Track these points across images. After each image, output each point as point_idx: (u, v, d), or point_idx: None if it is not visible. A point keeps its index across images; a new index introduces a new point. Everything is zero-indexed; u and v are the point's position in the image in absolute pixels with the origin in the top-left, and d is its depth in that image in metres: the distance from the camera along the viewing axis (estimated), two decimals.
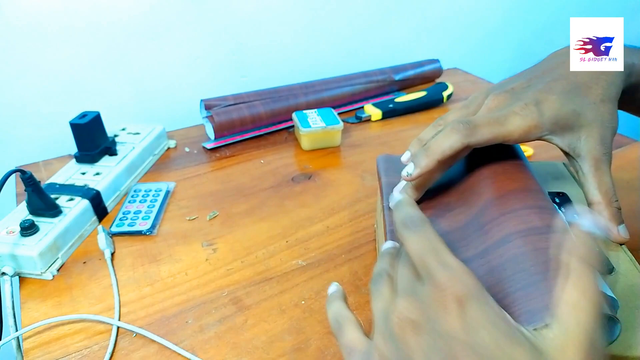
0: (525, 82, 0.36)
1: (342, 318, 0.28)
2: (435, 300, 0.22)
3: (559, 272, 0.23)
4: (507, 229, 0.31)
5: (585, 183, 0.34)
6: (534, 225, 0.30)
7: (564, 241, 0.23)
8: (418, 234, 0.25)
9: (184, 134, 0.74)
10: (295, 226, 0.53)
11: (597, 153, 0.33)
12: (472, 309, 0.21)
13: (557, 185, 0.41)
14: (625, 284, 0.31)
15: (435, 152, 0.33)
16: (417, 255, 0.24)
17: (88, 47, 0.70)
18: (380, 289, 0.27)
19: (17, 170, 0.46)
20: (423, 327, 0.22)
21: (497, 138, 0.33)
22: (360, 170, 0.63)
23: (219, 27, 0.78)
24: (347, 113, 0.80)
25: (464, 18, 1.05)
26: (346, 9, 0.88)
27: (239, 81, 0.83)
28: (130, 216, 0.54)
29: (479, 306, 0.21)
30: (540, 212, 0.31)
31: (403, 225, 0.26)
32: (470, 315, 0.21)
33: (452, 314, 0.21)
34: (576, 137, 0.34)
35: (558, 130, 0.33)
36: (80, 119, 0.57)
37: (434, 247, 0.24)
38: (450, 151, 0.33)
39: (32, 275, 0.46)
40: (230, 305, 0.43)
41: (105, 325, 0.41)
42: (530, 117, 0.32)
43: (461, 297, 0.21)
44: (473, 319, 0.21)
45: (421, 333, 0.22)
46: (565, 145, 0.34)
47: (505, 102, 0.35)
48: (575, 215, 0.26)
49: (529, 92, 0.34)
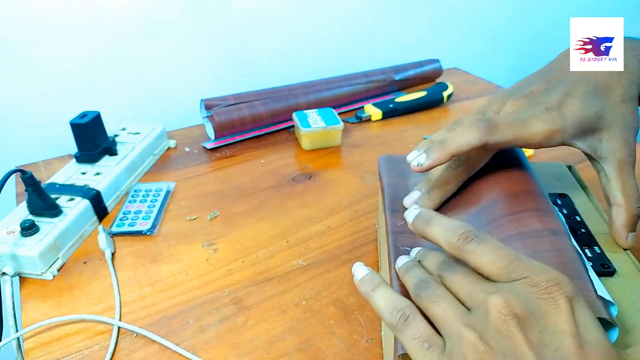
0: (543, 85, 0.35)
1: (406, 307, 0.27)
2: (539, 297, 0.23)
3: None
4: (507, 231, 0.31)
5: (607, 185, 0.34)
6: (534, 228, 0.30)
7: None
8: (487, 244, 0.26)
9: (184, 134, 0.74)
10: (295, 226, 0.53)
11: (621, 154, 0.33)
12: (579, 308, 0.23)
13: (558, 186, 0.41)
14: (626, 286, 0.31)
15: (451, 146, 0.32)
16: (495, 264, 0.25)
17: (88, 47, 0.70)
18: (437, 292, 0.27)
19: (17, 170, 0.46)
20: (529, 322, 0.23)
21: (518, 141, 0.32)
22: (361, 170, 0.63)
23: (219, 27, 0.78)
24: (348, 113, 0.80)
25: (465, 18, 1.05)
26: (346, 9, 0.88)
27: (239, 81, 0.83)
28: (130, 216, 0.54)
29: (583, 306, 0.23)
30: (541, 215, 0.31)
31: (464, 240, 0.27)
32: (580, 314, 0.22)
33: (562, 311, 0.22)
34: (598, 139, 0.33)
35: (580, 133, 0.33)
36: (80, 119, 0.57)
37: (513, 253, 0.25)
38: (467, 147, 0.32)
39: (33, 275, 0.46)
40: (231, 305, 0.43)
41: (105, 326, 0.41)
42: (552, 122, 0.32)
43: (570, 295, 0.23)
44: (582, 317, 0.22)
45: (528, 327, 0.22)
46: (587, 147, 0.33)
47: (525, 106, 0.34)
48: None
49: (548, 95, 0.33)
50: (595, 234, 0.36)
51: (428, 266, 0.30)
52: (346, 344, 0.38)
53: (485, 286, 0.25)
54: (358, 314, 0.41)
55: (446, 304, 0.26)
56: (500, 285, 0.25)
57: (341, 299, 0.43)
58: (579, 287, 0.26)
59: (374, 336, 0.39)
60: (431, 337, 0.25)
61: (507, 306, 0.23)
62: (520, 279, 0.24)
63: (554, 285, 0.23)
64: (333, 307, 0.42)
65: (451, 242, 0.27)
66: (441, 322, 0.25)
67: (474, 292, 0.25)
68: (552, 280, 0.23)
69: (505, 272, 0.25)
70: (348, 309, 0.42)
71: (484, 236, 0.27)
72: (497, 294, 0.24)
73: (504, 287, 0.24)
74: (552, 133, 0.32)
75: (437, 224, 0.29)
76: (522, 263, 0.25)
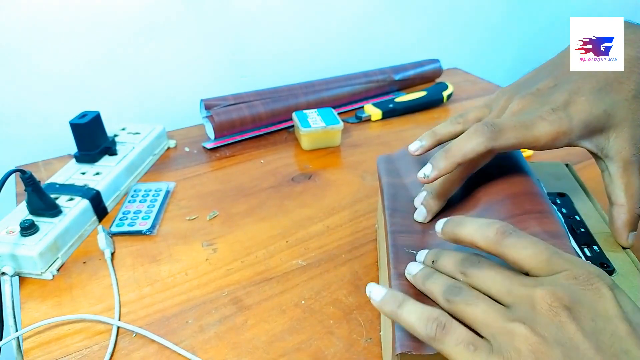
0: (551, 81, 0.34)
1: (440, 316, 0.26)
2: (583, 288, 0.23)
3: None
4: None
5: (610, 184, 0.33)
6: (532, 231, 0.30)
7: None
8: (526, 238, 0.26)
9: (184, 134, 0.74)
10: (295, 226, 0.53)
11: (627, 154, 0.32)
12: (621, 296, 0.23)
13: (558, 186, 0.41)
14: (626, 285, 0.31)
15: (456, 155, 0.32)
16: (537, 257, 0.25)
17: (88, 47, 0.70)
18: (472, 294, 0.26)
19: (17, 170, 0.46)
20: (579, 311, 0.23)
21: (523, 144, 0.31)
22: (361, 170, 0.63)
23: (219, 27, 0.78)
24: (347, 113, 0.80)
25: (465, 18, 1.05)
26: (346, 9, 0.88)
27: (239, 81, 0.83)
28: (130, 216, 0.54)
29: (624, 294, 0.24)
30: (539, 217, 0.31)
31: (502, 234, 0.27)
32: (622, 301, 0.23)
33: (608, 299, 0.23)
34: (605, 137, 0.32)
35: (587, 134, 0.32)
36: (80, 119, 0.57)
37: (553, 249, 0.26)
38: (473, 154, 0.31)
39: (32, 275, 0.46)
40: (231, 305, 0.43)
41: (105, 325, 0.41)
42: (558, 123, 0.31)
43: (611, 285, 0.24)
44: (625, 304, 0.23)
45: (580, 317, 0.23)
46: (593, 146, 0.33)
47: (532, 105, 0.33)
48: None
49: (556, 93, 0.33)
50: (594, 234, 0.36)
51: (445, 267, 0.30)
52: (345, 343, 0.38)
53: (525, 280, 0.25)
54: (357, 313, 0.41)
55: (484, 304, 0.25)
56: (541, 279, 0.25)
57: (340, 299, 0.43)
58: None
59: (373, 336, 0.39)
60: (475, 339, 0.24)
61: (555, 298, 0.23)
62: (561, 272, 0.24)
63: (595, 277, 0.24)
64: (332, 307, 0.42)
65: (489, 237, 0.27)
66: (483, 323, 0.25)
67: (512, 287, 0.25)
68: (593, 272, 0.24)
69: (547, 265, 0.25)
70: (347, 309, 0.42)
71: (520, 231, 0.27)
72: (542, 287, 0.24)
73: (547, 280, 0.24)
74: (557, 135, 0.31)
75: (470, 222, 0.29)
76: (562, 257, 0.25)
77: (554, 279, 0.24)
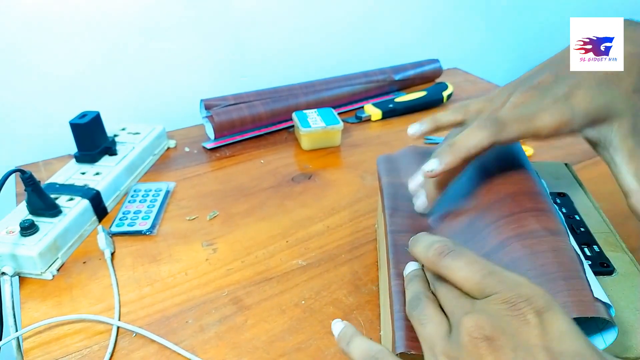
0: (551, 76, 0.34)
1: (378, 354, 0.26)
2: (509, 315, 0.23)
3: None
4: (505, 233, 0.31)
5: (619, 173, 0.33)
6: (532, 228, 0.30)
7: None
8: (461, 259, 0.26)
9: (184, 134, 0.74)
10: (295, 226, 0.53)
11: (631, 142, 0.32)
12: (552, 320, 0.22)
13: (558, 186, 0.41)
14: (625, 285, 0.31)
15: (461, 150, 0.32)
16: (469, 279, 0.25)
17: (88, 47, 0.70)
18: (425, 312, 0.26)
19: (17, 170, 0.46)
20: (500, 341, 0.22)
21: (526, 135, 0.32)
22: (361, 170, 0.63)
23: (219, 27, 0.78)
24: (347, 113, 0.80)
25: (464, 18, 1.05)
26: (346, 9, 0.88)
27: (239, 81, 0.83)
28: (130, 216, 0.54)
29: (558, 317, 0.22)
30: (539, 215, 0.31)
31: (439, 255, 0.27)
32: (552, 326, 0.22)
33: (532, 326, 0.22)
34: (608, 129, 0.32)
35: (589, 124, 0.32)
36: (80, 119, 0.57)
37: (488, 267, 0.25)
38: (477, 149, 0.32)
39: (32, 275, 0.46)
40: (231, 305, 0.43)
41: (105, 325, 0.41)
42: (560, 113, 0.31)
43: (540, 309, 0.22)
44: (554, 329, 0.22)
45: (499, 347, 0.22)
46: (597, 135, 0.33)
47: (533, 98, 0.33)
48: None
49: (557, 86, 0.33)
50: (594, 233, 0.36)
51: (428, 275, 0.30)
52: None
53: (464, 303, 0.25)
54: (357, 313, 0.41)
55: (431, 325, 0.26)
56: (475, 304, 0.24)
57: (340, 299, 0.43)
58: (577, 287, 0.26)
59: (373, 336, 0.39)
60: None
61: (477, 328, 0.23)
62: (492, 295, 0.24)
63: (523, 302, 0.23)
64: (332, 307, 0.42)
65: (428, 258, 0.27)
66: (428, 345, 0.25)
67: (454, 309, 0.25)
68: (522, 295, 0.23)
69: (478, 288, 0.24)
70: (347, 309, 0.42)
71: (460, 250, 0.26)
72: (469, 315, 0.24)
73: (478, 306, 0.24)
74: (560, 125, 0.31)
75: (419, 241, 0.29)
76: (496, 277, 0.24)
77: (484, 303, 0.24)
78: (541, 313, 0.22)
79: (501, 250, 0.30)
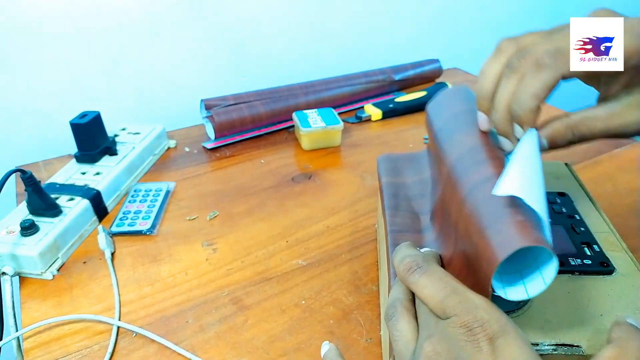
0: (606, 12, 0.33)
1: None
2: (464, 340, 0.23)
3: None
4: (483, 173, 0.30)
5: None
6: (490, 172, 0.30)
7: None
8: (427, 277, 0.26)
9: (184, 134, 0.74)
10: (295, 226, 0.53)
11: None
12: (503, 347, 0.22)
13: (558, 186, 0.41)
14: (625, 285, 0.31)
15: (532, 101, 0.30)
16: (433, 298, 0.25)
17: (88, 47, 0.70)
18: (397, 326, 0.26)
19: (17, 170, 0.46)
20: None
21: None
22: (361, 170, 0.63)
23: (219, 27, 0.78)
24: (347, 113, 0.80)
25: (464, 18, 1.05)
26: (346, 9, 0.88)
27: (239, 81, 0.83)
28: (130, 216, 0.54)
29: (509, 343, 0.22)
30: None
31: (407, 271, 0.27)
32: (503, 353, 0.22)
33: (484, 353, 0.22)
34: None
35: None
36: (80, 119, 0.57)
37: (451, 287, 0.25)
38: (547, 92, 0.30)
39: (32, 275, 0.46)
40: (231, 305, 0.43)
41: (105, 325, 0.41)
42: (630, 39, 0.30)
43: (493, 335, 0.22)
44: (506, 356, 0.22)
45: None
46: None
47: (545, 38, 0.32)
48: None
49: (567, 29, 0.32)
50: (594, 233, 0.36)
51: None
52: (345, 343, 0.38)
53: (430, 322, 0.25)
54: (357, 313, 0.41)
55: (400, 344, 0.26)
56: (438, 325, 0.24)
57: (340, 299, 0.43)
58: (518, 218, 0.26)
59: (373, 336, 0.39)
60: None
61: (435, 354, 0.23)
62: (452, 317, 0.24)
63: (478, 327, 0.23)
64: (332, 307, 0.42)
65: (399, 273, 0.28)
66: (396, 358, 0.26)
67: (423, 326, 0.25)
68: (479, 320, 0.23)
69: (441, 307, 0.25)
70: (347, 309, 0.42)
71: (428, 267, 0.27)
72: (429, 340, 0.24)
73: (440, 328, 0.24)
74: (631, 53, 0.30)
75: (397, 253, 0.29)
76: (456, 298, 0.24)
77: (445, 325, 0.24)
78: (494, 340, 0.22)
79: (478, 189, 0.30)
